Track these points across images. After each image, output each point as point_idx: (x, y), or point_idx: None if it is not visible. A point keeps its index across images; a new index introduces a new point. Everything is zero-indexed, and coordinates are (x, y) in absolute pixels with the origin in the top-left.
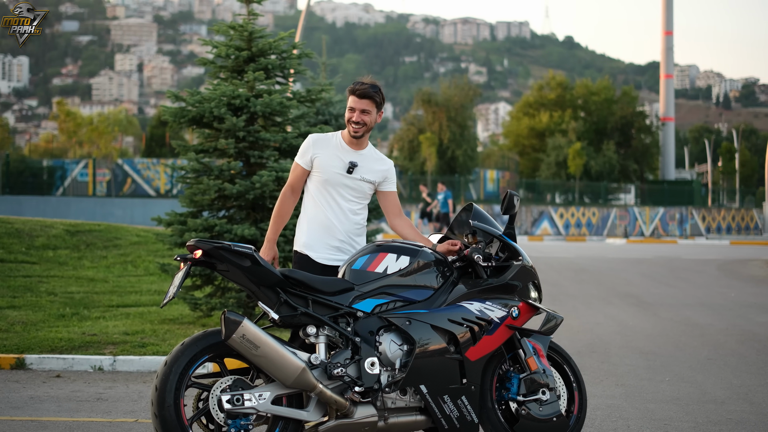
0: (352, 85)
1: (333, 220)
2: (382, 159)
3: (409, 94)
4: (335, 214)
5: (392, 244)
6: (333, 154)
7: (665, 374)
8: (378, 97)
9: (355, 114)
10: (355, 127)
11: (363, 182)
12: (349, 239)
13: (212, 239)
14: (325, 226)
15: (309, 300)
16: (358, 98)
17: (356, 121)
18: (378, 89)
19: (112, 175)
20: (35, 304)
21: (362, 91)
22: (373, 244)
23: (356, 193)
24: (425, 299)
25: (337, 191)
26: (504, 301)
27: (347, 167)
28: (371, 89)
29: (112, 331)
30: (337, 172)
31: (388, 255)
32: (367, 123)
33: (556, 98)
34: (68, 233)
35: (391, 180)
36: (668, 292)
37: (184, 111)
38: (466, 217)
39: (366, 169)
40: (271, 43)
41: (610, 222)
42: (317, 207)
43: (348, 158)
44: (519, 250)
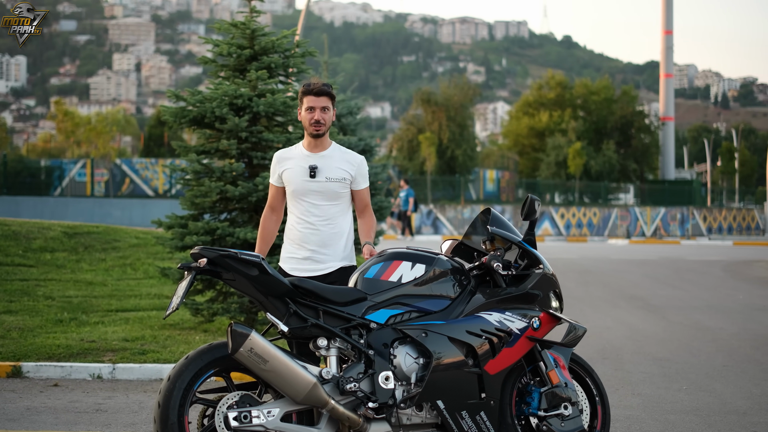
0: (305, 86)
1: (303, 231)
2: (349, 156)
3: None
4: (305, 225)
5: (407, 251)
6: (296, 163)
7: (682, 382)
8: (333, 93)
9: (315, 113)
10: (317, 126)
11: (329, 183)
12: (324, 248)
13: (215, 245)
14: (296, 239)
15: (319, 311)
16: (315, 96)
17: (317, 120)
18: (330, 86)
19: (110, 175)
20: (32, 309)
21: (319, 89)
22: (388, 252)
23: (325, 197)
24: (442, 310)
25: (307, 200)
26: (524, 312)
27: (308, 172)
28: (325, 86)
29: (111, 337)
30: (301, 179)
31: (402, 263)
32: (327, 121)
33: (555, 98)
34: (66, 235)
35: (362, 177)
36: (675, 294)
37: (185, 111)
38: (484, 222)
39: (329, 169)
40: (273, 41)
41: (611, 222)
42: (291, 221)
43: (308, 163)
44: (539, 257)
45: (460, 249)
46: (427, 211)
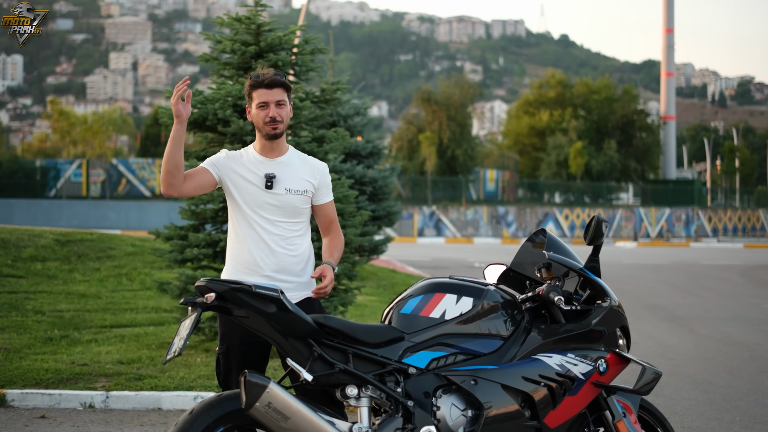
0: (253, 78)
1: (256, 254)
2: (311, 163)
3: (404, 93)
4: (259, 247)
5: (451, 281)
6: (246, 169)
7: (733, 412)
8: (288, 82)
9: (269, 109)
10: (273, 125)
11: (290, 195)
12: (282, 273)
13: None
14: (244, 262)
15: (349, 353)
16: (267, 89)
17: (272, 116)
18: (283, 74)
19: (107, 175)
20: (20, 325)
21: (271, 79)
22: (427, 282)
23: (284, 213)
24: (493, 351)
25: (260, 215)
26: (589, 352)
27: (264, 181)
28: (278, 75)
29: (104, 359)
30: (254, 188)
31: (446, 296)
32: (284, 118)
33: (556, 97)
34: (58, 243)
35: (326, 189)
36: (697, 304)
37: None
38: (539, 245)
39: (289, 179)
40: (280, 37)
41: (615, 223)
42: (239, 241)
43: (264, 170)
44: (605, 288)
45: (508, 276)
46: (429, 212)
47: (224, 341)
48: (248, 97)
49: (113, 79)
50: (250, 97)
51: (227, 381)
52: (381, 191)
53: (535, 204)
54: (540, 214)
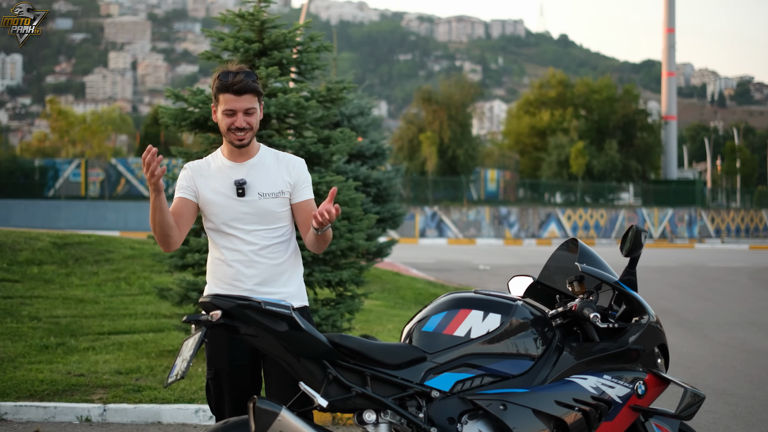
0: (220, 79)
1: (235, 266)
2: (285, 160)
3: (403, 93)
4: (237, 259)
5: (476, 296)
6: (214, 179)
7: (761, 427)
8: (259, 87)
9: (237, 118)
10: (240, 135)
11: (264, 200)
12: (265, 286)
13: (231, 296)
14: (225, 278)
15: (366, 376)
16: (235, 95)
17: (240, 126)
18: (256, 77)
19: (106, 175)
20: (15, 332)
21: (241, 85)
22: (451, 297)
23: (260, 219)
24: (523, 373)
25: (234, 226)
26: (626, 374)
27: (234, 189)
28: (249, 79)
29: (102, 369)
30: (224, 199)
31: (471, 312)
32: (254, 125)
33: (556, 96)
34: (55, 246)
35: (304, 185)
36: (708, 308)
37: (186, 113)
38: (570, 257)
39: (262, 181)
40: (285, 34)
41: (618, 224)
42: (217, 255)
43: (233, 176)
44: (643, 303)
45: (536, 289)
46: (431, 213)
47: (212, 365)
48: (214, 98)
49: (112, 78)
50: (215, 99)
51: (220, 407)
52: (385, 193)
53: (537, 204)
54: (542, 214)
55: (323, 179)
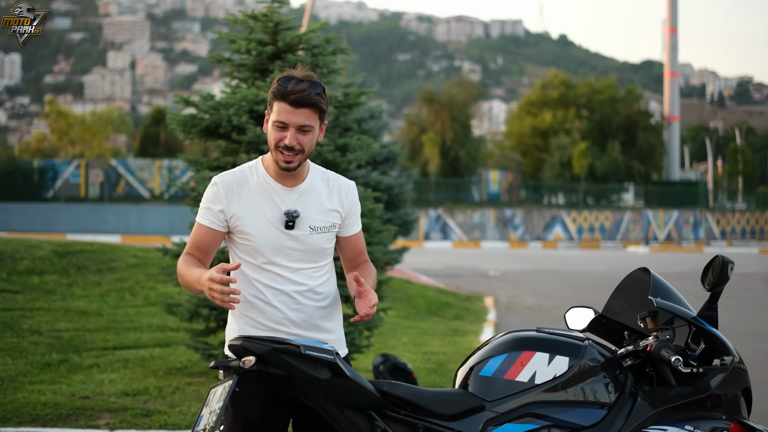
0: (280, 85)
1: (277, 306)
2: (336, 185)
3: (402, 92)
4: (282, 300)
5: (540, 336)
6: (257, 202)
7: None
8: (323, 102)
9: (288, 134)
10: (288, 156)
11: (315, 235)
12: (309, 331)
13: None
14: (261, 318)
15: (419, 428)
16: (292, 106)
17: (289, 145)
18: (322, 89)
19: (105, 176)
20: (16, 348)
21: (300, 96)
22: (512, 337)
23: (309, 256)
24: (595, 424)
25: (277, 262)
26: (708, 423)
27: (284, 220)
28: (313, 90)
29: (108, 390)
30: (268, 228)
31: (535, 355)
32: (306, 148)
33: (558, 97)
34: (56, 255)
35: (355, 216)
36: (727, 317)
37: (196, 119)
38: (641, 290)
39: (314, 212)
40: (300, 36)
41: (623, 226)
42: (254, 292)
43: (282, 205)
44: (726, 342)
45: (599, 324)
46: (435, 216)
47: (240, 417)
48: (269, 104)
49: (111, 78)
50: (270, 106)
51: None
52: (397, 199)
53: (541, 207)
54: (547, 217)
55: None
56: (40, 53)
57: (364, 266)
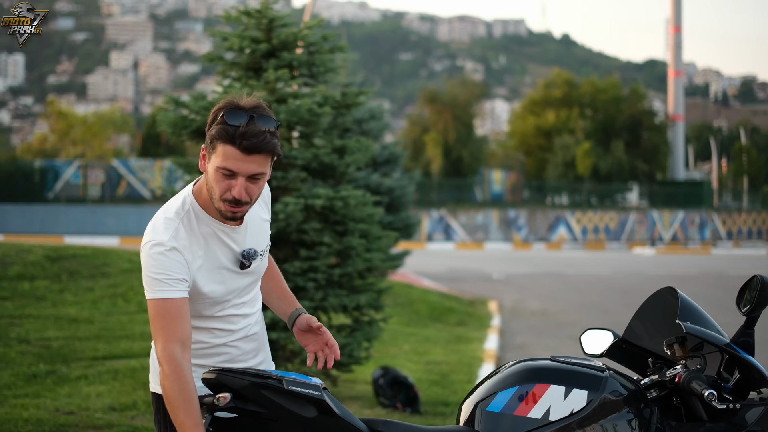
0: (225, 121)
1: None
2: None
3: (405, 92)
4: (240, 337)
5: (554, 366)
6: (211, 256)
7: None
8: (278, 145)
9: (237, 184)
10: (235, 209)
11: (263, 259)
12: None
13: (244, 371)
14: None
15: None
16: (244, 153)
17: (238, 198)
18: (276, 125)
19: (106, 177)
20: (2, 358)
21: (253, 144)
22: (523, 367)
23: (256, 283)
24: None
25: (234, 302)
26: None
27: (239, 262)
28: (267, 129)
29: (94, 404)
30: (228, 278)
31: (550, 387)
32: (254, 197)
33: (562, 96)
34: (48, 259)
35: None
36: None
37: (187, 120)
38: (669, 313)
39: (260, 238)
40: (296, 33)
41: (628, 227)
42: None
43: (235, 244)
44: (764, 372)
45: (620, 349)
46: (438, 216)
47: None
48: (209, 142)
49: (114, 78)
50: (212, 146)
51: None
52: (398, 201)
53: (545, 207)
54: (551, 217)
55: (338, 194)
56: (43, 53)
57: (272, 265)
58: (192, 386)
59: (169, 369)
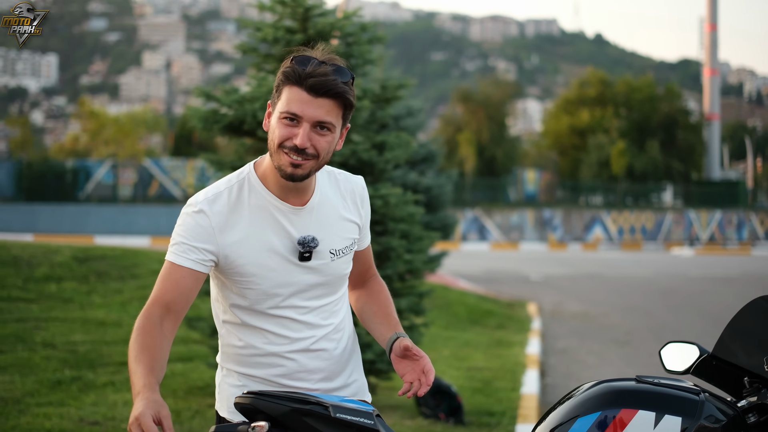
0: (295, 65)
1: (300, 359)
2: (345, 186)
3: (437, 92)
4: (300, 349)
5: (642, 389)
6: (258, 231)
7: None
8: (351, 94)
9: (300, 130)
10: (296, 159)
11: (337, 261)
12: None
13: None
14: (282, 376)
15: None
16: (310, 94)
17: (300, 147)
18: (351, 78)
19: (138, 176)
20: (26, 363)
21: (321, 81)
22: (605, 390)
23: (328, 289)
24: None
25: (292, 303)
26: None
27: (297, 251)
28: (339, 77)
29: (120, 414)
30: (280, 265)
31: (638, 414)
32: (322, 153)
33: (596, 95)
34: (76, 260)
35: (368, 221)
36: None
37: (218, 115)
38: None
39: (334, 233)
40: (332, 23)
41: (665, 227)
42: (259, 342)
43: (294, 229)
44: None
45: (709, 365)
46: (472, 217)
47: None
48: (275, 91)
49: (147, 79)
50: (278, 93)
51: None
52: (436, 201)
53: (580, 207)
54: (587, 217)
55: (378, 192)
56: (77, 54)
57: (373, 283)
58: (156, 345)
59: (138, 324)
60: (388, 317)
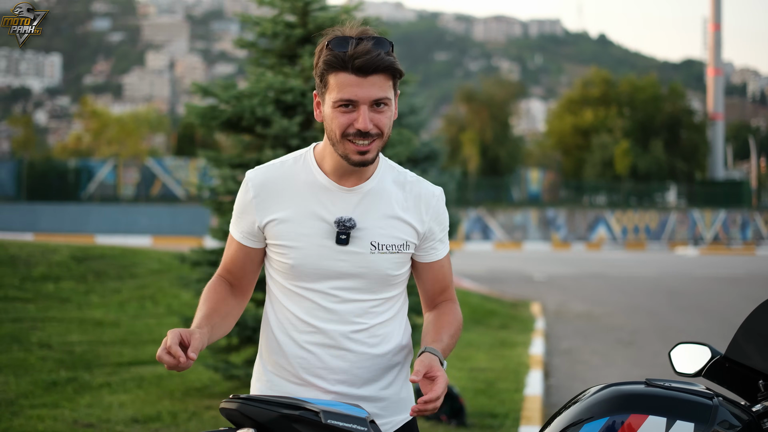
0: (333, 48)
1: (317, 352)
2: (415, 191)
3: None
4: (320, 342)
5: (653, 393)
6: (302, 205)
7: None
8: (397, 62)
9: (359, 114)
10: (363, 145)
11: (378, 255)
12: (364, 386)
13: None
14: (297, 366)
15: None
16: (359, 75)
17: (364, 130)
18: (390, 46)
19: (141, 176)
20: (21, 364)
21: (368, 60)
22: (614, 394)
23: (367, 283)
24: None
25: (321, 287)
26: None
27: (334, 231)
28: (381, 50)
29: (116, 416)
30: (315, 241)
31: (648, 420)
32: (385, 130)
33: (600, 95)
34: (74, 260)
35: (442, 234)
36: None
37: (216, 111)
38: None
39: (380, 224)
40: (333, 18)
41: (669, 227)
42: (284, 331)
43: (335, 208)
44: None
45: (722, 368)
46: (476, 216)
47: None
48: (319, 81)
49: (150, 79)
50: (323, 83)
51: None
52: None
53: (584, 207)
54: (590, 217)
55: None
56: (80, 54)
57: (445, 310)
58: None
59: (207, 284)
60: (437, 334)
